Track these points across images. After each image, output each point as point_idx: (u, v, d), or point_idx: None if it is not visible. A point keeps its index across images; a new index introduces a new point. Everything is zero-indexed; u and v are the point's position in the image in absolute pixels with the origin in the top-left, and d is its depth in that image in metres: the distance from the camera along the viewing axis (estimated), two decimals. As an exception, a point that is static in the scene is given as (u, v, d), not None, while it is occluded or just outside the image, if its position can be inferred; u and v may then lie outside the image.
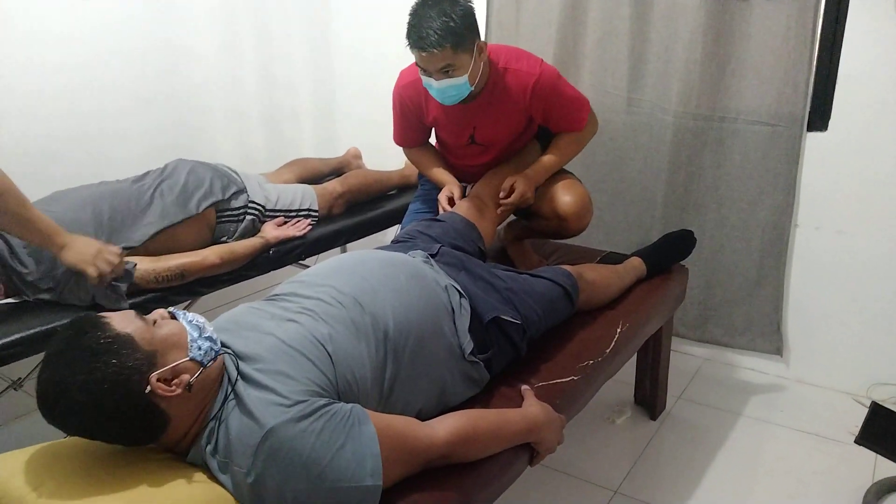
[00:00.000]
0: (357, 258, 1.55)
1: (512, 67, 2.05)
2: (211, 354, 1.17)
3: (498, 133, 2.15)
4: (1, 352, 1.66)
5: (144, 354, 1.09)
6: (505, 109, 2.08)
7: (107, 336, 1.08)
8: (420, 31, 1.85)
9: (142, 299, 1.91)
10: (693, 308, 2.59)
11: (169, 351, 1.13)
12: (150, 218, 2.06)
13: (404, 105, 2.20)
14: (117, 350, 1.07)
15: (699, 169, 2.48)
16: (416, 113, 2.20)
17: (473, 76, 1.96)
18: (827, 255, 2.36)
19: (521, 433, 1.39)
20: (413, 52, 1.91)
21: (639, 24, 2.46)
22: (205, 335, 1.18)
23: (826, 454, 2.12)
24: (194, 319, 1.20)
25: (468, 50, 1.90)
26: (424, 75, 1.96)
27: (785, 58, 2.24)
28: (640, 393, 2.37)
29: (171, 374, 1.11)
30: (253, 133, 3.16)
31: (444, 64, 1.88)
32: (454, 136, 2.20)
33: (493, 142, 2.17)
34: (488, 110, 2.09)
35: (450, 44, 1.84)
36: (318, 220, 2.48)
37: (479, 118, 2.11)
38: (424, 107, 2.16)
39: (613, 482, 2.01)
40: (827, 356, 2.45)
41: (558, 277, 1.80)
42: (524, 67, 2.04)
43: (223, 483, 1.13)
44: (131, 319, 1.13)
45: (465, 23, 1.87)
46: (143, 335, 1.11)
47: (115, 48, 2.55)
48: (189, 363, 1.14)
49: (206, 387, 1.16)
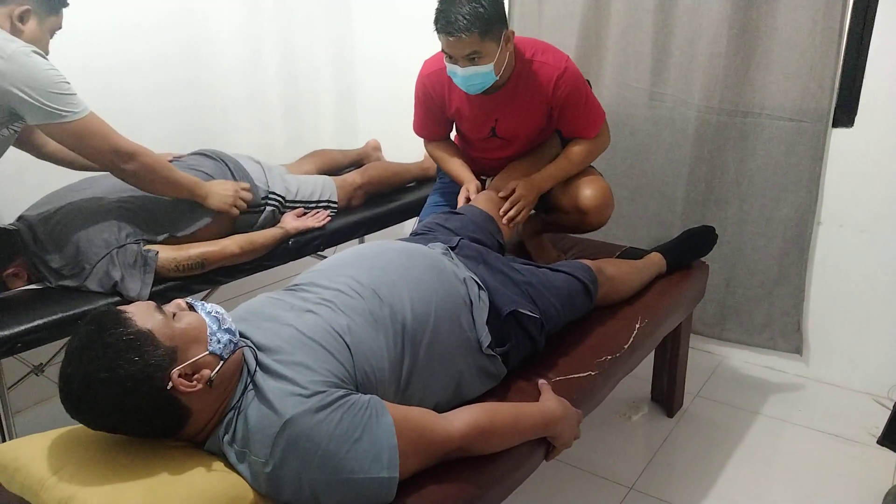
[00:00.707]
0: (376, 249, 1.55)
1: (538, 59, 2.04)
2: (230, 347, 1.17)
3: (520, 126, 2.14)
4: (24, 337, 1.68)
5: (165, 350, 1.09)
6: (528, 102, 2.07)
7: (129, 332, 1.08)
8: (448, 15, 1.83)
9: (162, 287, 1.93)
10: (712, 305, 2.57)
11: (189, 345, 1.13)
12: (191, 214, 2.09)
13: (427, 95, 2.19)
14: (139, 347, 1.07)
15: (721, 164, 2.46)
16: (438, 103, 2.19)
17: (499, 65, 1.94)
18: (849, 254, 2.33)
19: (538, 427, 1.39)
20: (440, 36, 1.89)
21: (662, 16, 2.43)
22: (224, 327, 1.18)
23: (845, 455, 2.10)
24: (213, 310, 1.20)
25: (496, 38, 1.89)
26: (449, 62, 1.95)
27: (811, 52, 2.21)
28: (657, 390, 2.36)
29: (191, 369, 1.12)
30: (274, 124, 3.17)
31: (471, 50, 1.87)
32: (476, 129, 2.19)
33: (515, 135, 2.16)
34: (512, 102, 2.07)
35: (478, 30, 1.83)
36: (338, 212, 2.48)
37: (502, 110, 2.10)
38: (447, 97, 2.15)
39: (629, 479, 2.01)
40: (847, 356, 2.42)
41: (577, 272, 1.80)
42: (550, 60, 2.03)
43: (241, 472, 1.14)
44: (151, 313, 1.13)
45: (494, 10, 1.86)
46: (164, 330, 1.11)
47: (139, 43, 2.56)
48: (209, 357, 1.14)
49: (227, 379, 1.16)
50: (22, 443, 1.17)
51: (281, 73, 3.14)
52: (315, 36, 3.22)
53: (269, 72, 3.10)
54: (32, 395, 2.31)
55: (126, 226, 1.93)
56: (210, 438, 1.18)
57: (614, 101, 2.60)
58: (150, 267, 1.89)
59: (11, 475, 1.12)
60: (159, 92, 2.66)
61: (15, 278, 1.88)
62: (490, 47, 1.89)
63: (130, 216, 1.96)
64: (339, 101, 3.40)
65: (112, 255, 1.86)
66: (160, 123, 2.68)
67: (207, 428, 1.17)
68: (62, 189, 2.02)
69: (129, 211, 1.97)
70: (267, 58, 3.07)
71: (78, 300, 1.82)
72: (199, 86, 2.81)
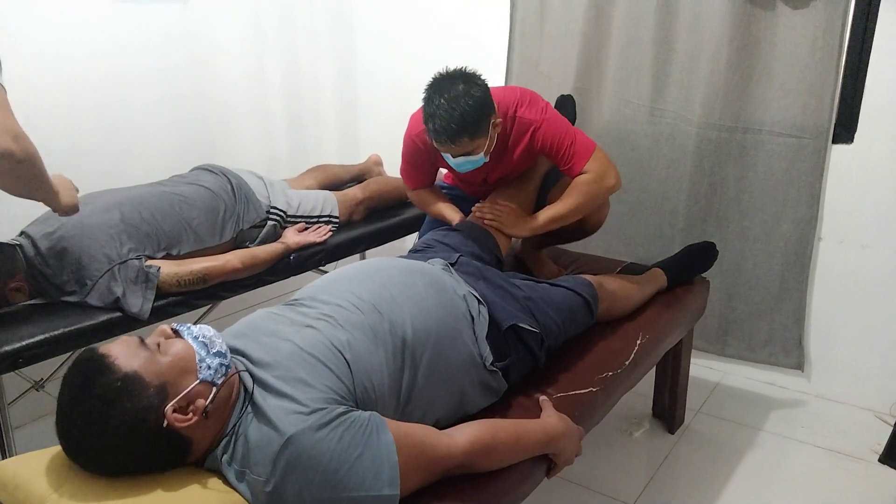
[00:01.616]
0: (376, 265, 1.55)
1: (519, 115, 2.00)
2: (222, 371, 1.15)
3: (510, 174, 2.15)
4: (25, 352, 1.68)
5: (155, 388, 1.08)
6: (515, 155, 2.06)
7: (115, 379, 1.06)
8: (435, 124, 1.81)
9: (164, 303, 1.93)
10: (713, 321, 2.57)
11: (179, 378, 1.10)
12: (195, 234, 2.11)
13: (417, 150, 2.12)
14: (129, 391, 1.06)
15: (722, 180, 2.46)
16: (428, 157, 2.13)
17: (489, 149, 1.93)
18: (850, 270, 2.33)
19: (540, 444, 1.39)
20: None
21: (663, 32, 2.44)
22: (213, 351, 1.15)
23: (848, 472, 2.09)
24: (200, 335, 1.17)
25: (485, 132, 1.86)
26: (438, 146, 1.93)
27: (811, 68, 2.22)
28: (658, 406, 2.35)
29: (185, 401, 1.10)
30: (277, 138, 3.19)
31: (462, 152, 1.87)
32: (466, 184, 2.24)
33: (506, 180, 2.17)
34: (500, 158, 2.07)
35: (467, 136, 1.82)
36: (339, 227, 2.49)
37: (492, 166, 2.09)
38: (437, 154, 2.05)
39: (630, 495, 2.00)
40: (849, 372, 2.41)
41: (578, 287, 1.80)
42: (528, 115, 2.00)
43: (240, 492, 1.13)
44: (135, 351, 1.10)
45: (480, 112, 1.82)
46: (150, 367, 1.09)
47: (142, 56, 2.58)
48: (201, 386, 1.11)
49: (223, 403, 1.15)
50: (22, 460, 1.16)
51: (284, 88, 3.17)
52: (318, 51, 3.25)
53: (273, 86, 3.12)
54: (33, 411, 2.31)
55: (128, 241, 1.93)
56: (209, 457, 1.17)
57: (615, 118, 2.61)
58: (151, 283, 1.89)
59: (12, 493, 1.11)
60: (163, 105, 2.68)
61: (17, 293, 1.88)
62: (480, 142, 1.87)
63: (132, 231, 1.96)
64: (341, 116, 3.42)
65: (114, 271, 1.86)
66: (164, 137, 2.70)
67: (209, 450, 1.17)
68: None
69: (131, 226, 1.97)
70: (270, 72, 3.09)
71: (79, 315, 1.83)
72: (202, 100, 2.84)
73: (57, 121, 2.35)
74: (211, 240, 2.15)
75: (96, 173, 2.40)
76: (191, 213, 2.12)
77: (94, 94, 2.46)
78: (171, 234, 2.05)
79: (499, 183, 2.19)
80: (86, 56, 2.40)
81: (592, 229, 2.21)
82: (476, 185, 2.23)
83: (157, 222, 2.03)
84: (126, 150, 2.58)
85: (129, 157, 2.58)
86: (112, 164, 2.51)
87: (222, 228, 2.18)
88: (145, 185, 2.20)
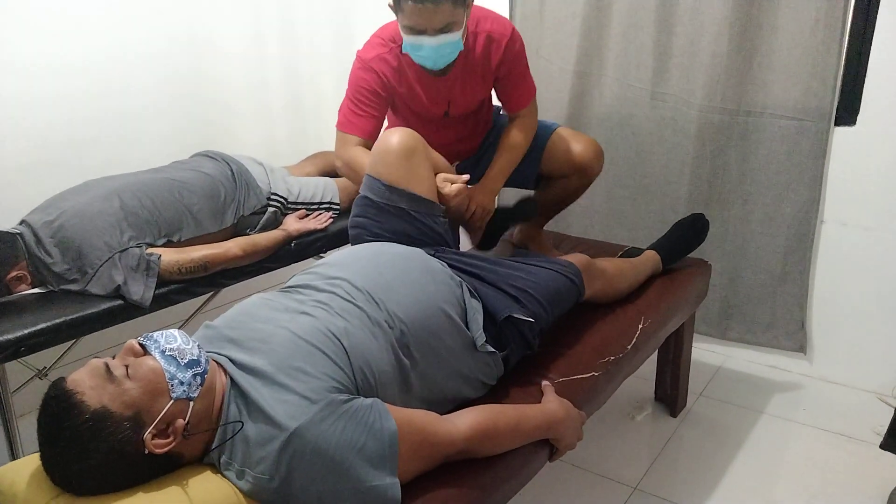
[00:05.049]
0: (372, 251, 1.54)
1: (483, 28, 1.95)
2: (196, 382, 1.11)
3: (470, 102, 2.09)
4: (27, 341, 1.68)
5: (128, 419, 1.04)
6: (477, 76, 2.01)
7: (84, 418, 1.02)
8: None
9: (165, 290, 1.93)
10: (715, 304, 2.57)
11: (151, 403, 1.06)
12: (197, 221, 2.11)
13: (374, 79, 1.96)
14: (101, 429, 1.02)
15: (724, 164, 2.45)
16: (385, 88, 1.98)
17: (465, 33, 1.86)
18: (853, 252, 2.32)
19: (541, 429, 1.39)
20: (405, 9, 1.75)
21: (664, 15, 2.43)
22: (184, 362, 1.10)
23: (850, 454, 2.09)
24: (167, 348, 1.11)
25: (463, 2, 1.78)
26: (413, 35, 1.80)
27: (813, 51, 2.20)
28: (660, 389, 2.36)
29: (163, 423, 1.07)
30: (277, 126, 3.18)
31: (446, 21, 1.75)
32: (429, 110, 2.07)
33: (465, 112, 2.13)
34: (463, 78, 2.00)
35: (450, 0, 1.74)
36: (340, 213, 2.48)
37: (455, 90, 2.02)
38: (399, 79, 1.97)
39: (633, 479, 2.00)
40: (851, 354, 2.41)
41: (556, 266, 1.74)
42: (495, 27, 1.96)
43: (243, 490, 1.11)
44: (102, 385, 1.04)
45: None
46: (120, 398, 1.04)
47: (141, 42, 2.56)
48: (176, 405, 1.08)
49: (205, 414, 1.13)
50: (21, 465, 1.14)
51: (284, 76, 3.15)
52: (318, 41, 3.23)
53: (273, 74, 3.10)
54: (36, 400, 2.29)
55: (128, 229, 1.93)
56: (206, 458, 1.16)
57: (616, 101, 2.60)
58: (153, 270, 1.89)
59: (11, 500, 1.10)
60: (162, 92, 2.67)
61: (18, 282, 1.88)
62: (460, 14, 1.78)
63: (132, 218, 1.96)
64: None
65: (114, 259, 1.86)
66: (164, 124, 2.69)
67: (204, 451, 1.16)
68: (65, 192, 2.02)
69: (131, 213, 1.97)
70: (270, 60, 3.08)
71: (81, 304, 1.83)
72: (203, 86, 2.82)
73: (56, 109, 2.34)
74: (212, 226, 2.14)
75: (96, 161, 2.40)
76: (191, 199, 2.11)
77: (92, 78, 2.44)
78: (172, 220, 2.05)
79: (457, 124, 2.14)
80: (83, 43, 2.39)
81: (592, 179, 2.22)
82: (435, 121, 2.11)
83: (156, 209, 2.02)
84: (125, 137, 2.57)
85: (128, 145, 2.57)
86: (111, 152, 2.50)
87: (223, 214, 2.18)
88: (145, 172, 2.19)
